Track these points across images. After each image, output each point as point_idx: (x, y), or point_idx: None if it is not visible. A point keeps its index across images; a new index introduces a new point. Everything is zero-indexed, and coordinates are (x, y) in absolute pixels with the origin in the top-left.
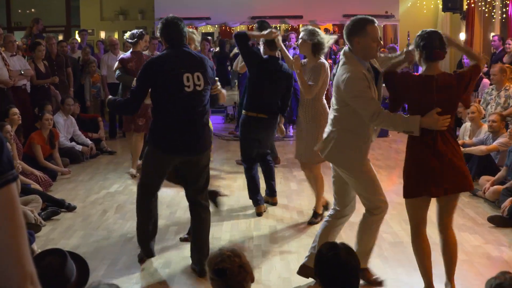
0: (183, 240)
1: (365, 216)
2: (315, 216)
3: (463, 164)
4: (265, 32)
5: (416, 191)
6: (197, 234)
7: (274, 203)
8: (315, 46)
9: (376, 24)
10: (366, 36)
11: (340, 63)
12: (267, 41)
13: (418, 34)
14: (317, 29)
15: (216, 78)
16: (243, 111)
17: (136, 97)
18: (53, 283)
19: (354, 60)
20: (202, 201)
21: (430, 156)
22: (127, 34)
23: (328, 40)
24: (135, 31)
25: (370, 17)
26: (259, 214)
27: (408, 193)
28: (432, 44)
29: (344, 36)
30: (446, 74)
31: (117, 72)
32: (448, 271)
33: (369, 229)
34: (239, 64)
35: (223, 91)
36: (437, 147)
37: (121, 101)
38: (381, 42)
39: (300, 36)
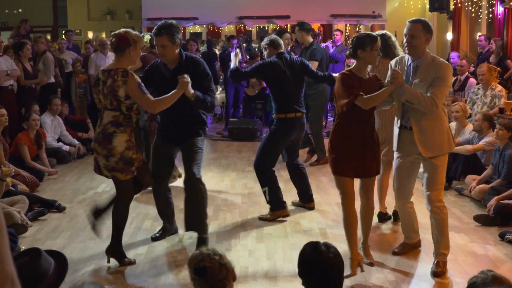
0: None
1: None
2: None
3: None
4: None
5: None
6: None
7: (311, 208)
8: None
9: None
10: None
11: None
12: (270, 42)
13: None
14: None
15: None
16: (276, 115)
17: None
18: (27, 279)
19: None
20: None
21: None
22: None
23: None
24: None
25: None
26: (286, 215)
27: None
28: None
29: None
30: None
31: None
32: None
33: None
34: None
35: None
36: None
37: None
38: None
39: None
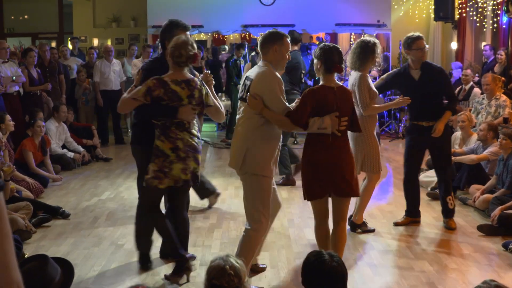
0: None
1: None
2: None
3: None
4: None
5: (318, 193)
6: None
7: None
8: None
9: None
10: (283, 45)
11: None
12: None
13: (320, 46)
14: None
15: None
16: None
17: None
18: (34, 284)
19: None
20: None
21: (325, 157)
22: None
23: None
24: None
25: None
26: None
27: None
28: (332, 58)
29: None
30: (343, 88)
31: None
32: None
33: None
34: None
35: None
36: (333, 150)
37: None
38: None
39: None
